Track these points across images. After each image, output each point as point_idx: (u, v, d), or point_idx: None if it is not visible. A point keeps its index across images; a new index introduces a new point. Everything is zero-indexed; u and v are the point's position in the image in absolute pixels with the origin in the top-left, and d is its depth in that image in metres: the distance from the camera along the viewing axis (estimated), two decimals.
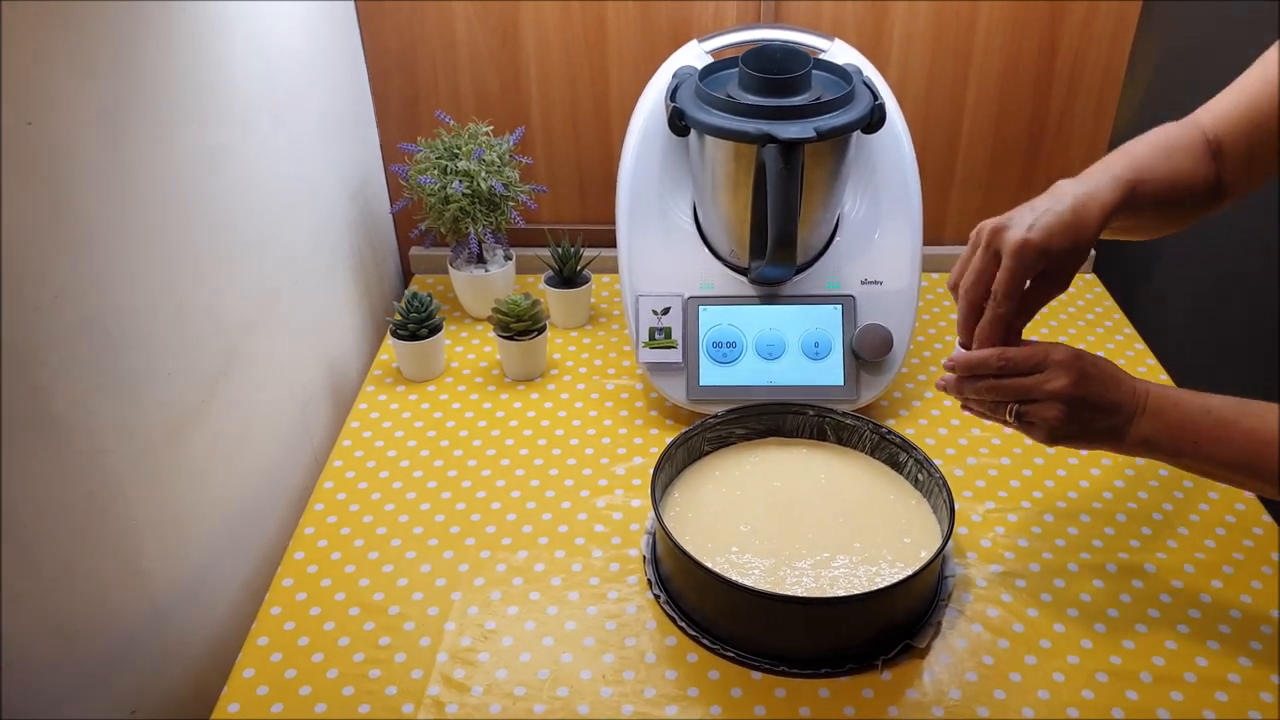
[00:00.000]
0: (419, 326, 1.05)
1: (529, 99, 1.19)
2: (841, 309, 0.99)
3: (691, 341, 0.98)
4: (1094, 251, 1.28)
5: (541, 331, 1.06)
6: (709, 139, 0.91)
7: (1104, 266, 1.29)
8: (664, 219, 1.00)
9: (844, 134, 0.89)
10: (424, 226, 1.12)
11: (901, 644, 0.76)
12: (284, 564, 0.85)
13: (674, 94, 0.94)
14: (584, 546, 0.87)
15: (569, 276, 1.15)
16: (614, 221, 1.01)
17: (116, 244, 0.67)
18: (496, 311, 1.05)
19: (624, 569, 0.84)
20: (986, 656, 0.76)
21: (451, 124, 1.12)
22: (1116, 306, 1.22)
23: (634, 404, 1.05)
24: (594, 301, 1.20)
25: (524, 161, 1.15)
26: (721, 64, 0.97)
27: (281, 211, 0.94)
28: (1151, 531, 0.88)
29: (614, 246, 1.02)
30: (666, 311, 0.99)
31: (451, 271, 1.16)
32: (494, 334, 1.07)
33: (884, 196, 1.00)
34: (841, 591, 0.77)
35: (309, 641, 0.78)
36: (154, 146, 0.72)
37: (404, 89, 1.19)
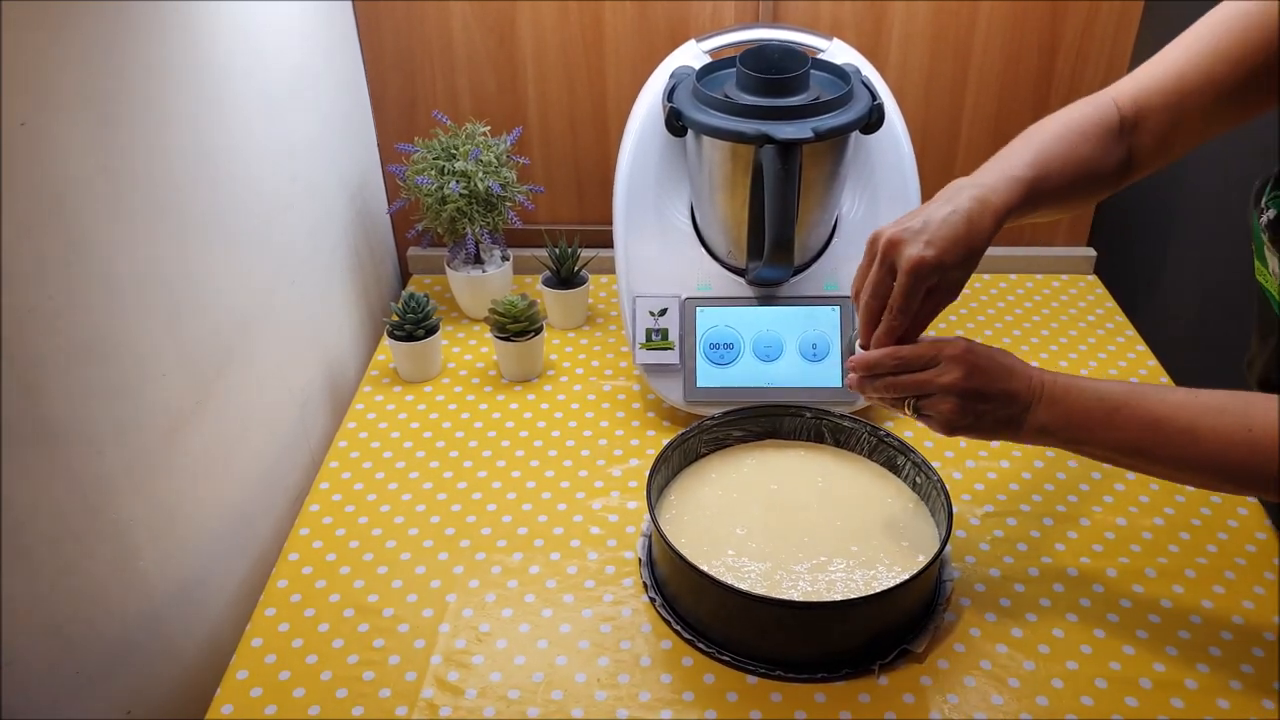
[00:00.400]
0: (415, 327, 1.05)
1: (526, 99, 1.19)
2: (840, 310, 0.98)
3: (689, 343, 0.98)
4: (1095, 253, 1.27)
5: (538, 332, 1.06)
6: (706, 139, 0.91)
7: (1106, 268, 1.28)
8: (661, 220, 1.00)
9: (842, 134, 0.89)
10: (421, 227, 1.12)
11: (899, 648, 0.75)
12: (279, 565, 0.85)
13: (671, 94, 0.94)
14: (580, 549, 0.86)
15: (566, 277, 1.14)
16: (611, 222, 1.01)
17: (111, 245, 0.67)
18: (493, 312, 1.05)
19: (619, 571, 0.84)
20: (984, 661, 0.75)
21: (449, 124, 1.11)
22: (1118, 308, 1.21)
23: (631, 405, 1.04)
24: (591, 302, 1.20)
25: (521, 162, 1.14)
26: (719, 64, 0.96)
27: (279, 212, 0.94)
28: (1152, 536, 0.87)
29: (611, 247, 1.01)
30: (664, 313, 0.98)
31: (448, 272, 1.16)
32: (491, 335, 1.06)
33: (883, 197, 1.00)
34: (838, 595, 0.76)
35: (303, 643, 0.78)
36: (148, 147, 0.71)
37: (401, 89, 1.19)
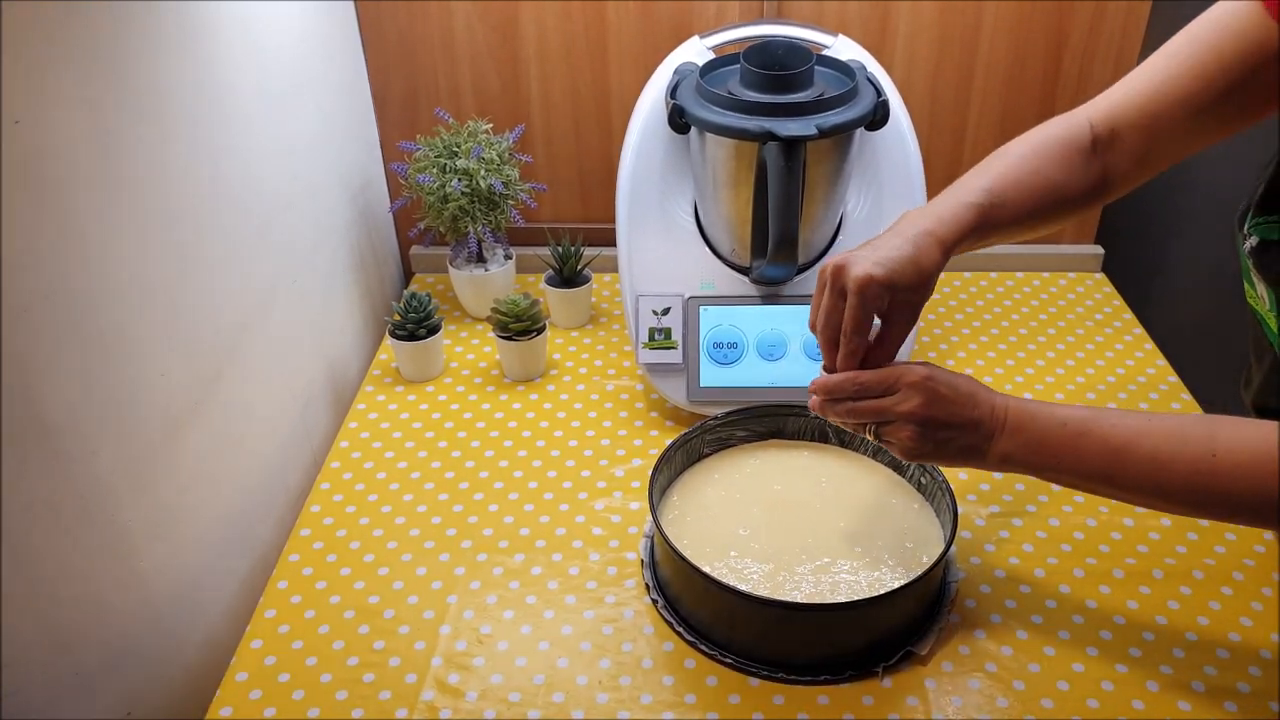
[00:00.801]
0: (417, 327, 1.05)
1: (529, 96, 1.18)
2: None
3: (692, 342, 0.97)
4: (1102, 250, 1.26)
5: (541, 332, 1.05)
6: (710, 136, 0.90)
7: (1113, 266, 1.27)
8: (664, 218, 0.99)
9: (847, 131, 0.88)
10: (423, 225, 1.11)
11: (903, 650, 0.75)
12: (279, 566, 0.85)
13: (674, 91, 0.93)
14: (582, 550, 0.86)
15: (569, 276, 1.14)
16: (614, 220, 1.00)
17: (106, 244, 0.67)
18: (495, 311, 1.04)
19: (622, 573, 0.83)
20: (989, 663, 0.75)
21: (451, 122, 1.11)
22: (1125, 306, 1.20)
23: (634, 405, 1.04)
24: (595, 301, 1.19)
25: (524, 160, 1.14)
26: (723, 60, 0.96)
27: (279, 211, 0.94)
28: (1160, 537, 0.86)
29: (615, 245, 1.01)
30: (667, 312, 0.98)
31: (451, 271, 1.15)
32: (493, 334, 1.06)
33: (888, 195, 0.99)
34: (842, 597, 0.76)
35: (303, 645, 0.77)
36: (147, 145, 0.71)
37: (404, 86, 1.18)
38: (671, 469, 0.86)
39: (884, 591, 0.73)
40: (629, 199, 0.98)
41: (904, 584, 0.72)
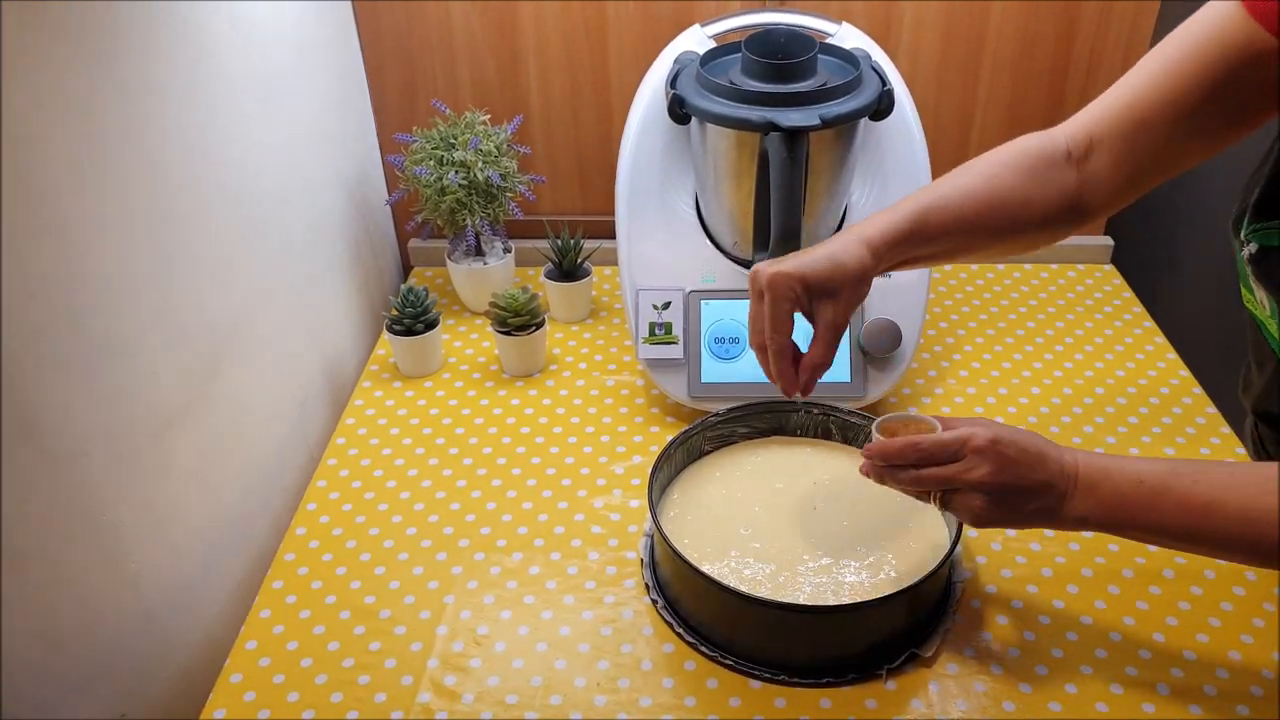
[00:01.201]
0: (415, 321, 1.03)
1: (528, 87, 1.16)
2: None
3: (693, 337, 0.96)
4: (1112, 241, 1.24)
5: (540, 326, 1.04)
6: (711, 127, 0.88)
7: (1123, 258, 1.25)
8: (665, 210, 0.97)
9: (850, 121, 0.86)
10: (421, 218, 1.10)
11: (907, 652, 0.73)
12: (274, 566, 0.84)
13: (675, 80, 0.91)
14: (580, 549, 0.85)
15: (569, 269, 1.12)
16: (614, 213, 0.98)
17: (93, 239, 0.65)
18: (494, 306, 1.03)
19: (621, 572, 0.82)
20: (996, 666, 0.73)
21: (448, 113, 1.09)
22: (1135, 299, 1.18)
23: (634, 401, 1.02)
24: (595, 295, 1.18)
25: (522, 151, 1.12)
26: (724, 49, 0.94)
27: (275, 205, 0.92)
28: None
29: (615, 238, 0.99)
30: (667, 306, 0.96)
31: (449, 264, 1.14)
32: (492, 329, 1.04)
33: (893, 186, 0.97)
34: (845, 598, 0.74)
35: (298, 646, 0.76)
36: (139, 140, 0.70)
37: (401, 78, 1.16)
38: (672, 466, 0.85)
39: (888, 593, 0.72)
40: (629, 191, 0.97)
41: (909, 584, 0.71)
